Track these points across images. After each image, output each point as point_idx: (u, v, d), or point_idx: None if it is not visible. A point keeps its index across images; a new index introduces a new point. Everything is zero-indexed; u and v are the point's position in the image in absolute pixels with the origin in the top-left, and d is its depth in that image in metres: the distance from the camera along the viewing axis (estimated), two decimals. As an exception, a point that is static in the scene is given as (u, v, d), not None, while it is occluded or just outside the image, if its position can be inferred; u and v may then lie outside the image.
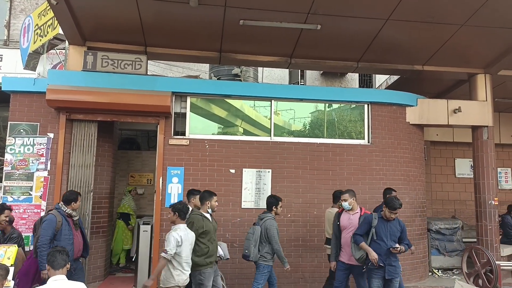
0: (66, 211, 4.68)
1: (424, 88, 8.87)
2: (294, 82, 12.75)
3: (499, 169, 10.31)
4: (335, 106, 7.42)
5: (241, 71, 9.02)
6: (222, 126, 7.20)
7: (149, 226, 6.63)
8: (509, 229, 7.29)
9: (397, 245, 4.75)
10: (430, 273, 6.34)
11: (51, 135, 6.36)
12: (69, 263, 3.54)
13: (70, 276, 4.50)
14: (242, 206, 6.64)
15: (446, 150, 10.45)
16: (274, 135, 7.00)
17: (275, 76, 13.35)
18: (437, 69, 7.85)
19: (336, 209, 5.59)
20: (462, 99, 7.82)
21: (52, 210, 4.76)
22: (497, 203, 7.56)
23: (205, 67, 11.42)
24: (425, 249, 7.54)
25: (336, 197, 5.67)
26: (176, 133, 6.72)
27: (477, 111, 7.71)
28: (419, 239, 7.34)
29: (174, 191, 6.39)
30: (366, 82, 13.61)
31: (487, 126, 7.70)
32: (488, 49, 7.24)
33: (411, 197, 7.26)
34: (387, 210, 4.80)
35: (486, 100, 7.79)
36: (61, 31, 7.12)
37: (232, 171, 6.68)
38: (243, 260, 6.46)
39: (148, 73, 6.99)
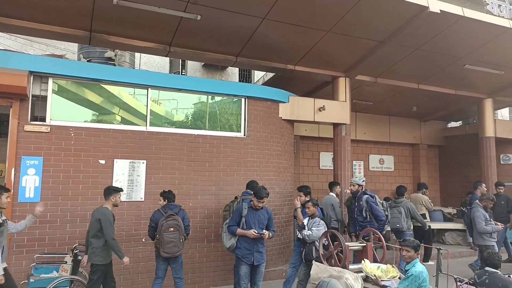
0: None
1: (296, 87, 9.57)
2: (175, 72, 12.49)
3: (354, 162, 11.84)
4: (217, 98, 7.48)
5: (115, 55, 8.41)
6: (97, 113, 6.61)
7: (-3, 224, 5.73)
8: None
9: (264, 231, 5.07)
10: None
11: None
12: None
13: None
14: (113, 199, 6.22)
15: (312, 144, 11.55)
16: (151, 125, 6.72)
17: (155, 64, 12.86)
18: (307, 69, 8.57)
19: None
20: (326, 99, 8.70)
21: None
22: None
23: (74, 46, 10.34)
24: (290, 235, 8.20)
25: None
26: (35, 118, 5.92)
27: (337, 110, 8.67)
28: (286, 226, 7.97)
29: (30, 184, 5.64)
30: (245, 77, 14.12)
31: (345, 124, 8.73)
32: (348, 55, 8.19)
33: (280, 187, 7.81)
34: (255, 200, 5.07)
35: (345, 101, 8.81)
36: None
37: (102, 161, 6.21)
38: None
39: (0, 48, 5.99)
